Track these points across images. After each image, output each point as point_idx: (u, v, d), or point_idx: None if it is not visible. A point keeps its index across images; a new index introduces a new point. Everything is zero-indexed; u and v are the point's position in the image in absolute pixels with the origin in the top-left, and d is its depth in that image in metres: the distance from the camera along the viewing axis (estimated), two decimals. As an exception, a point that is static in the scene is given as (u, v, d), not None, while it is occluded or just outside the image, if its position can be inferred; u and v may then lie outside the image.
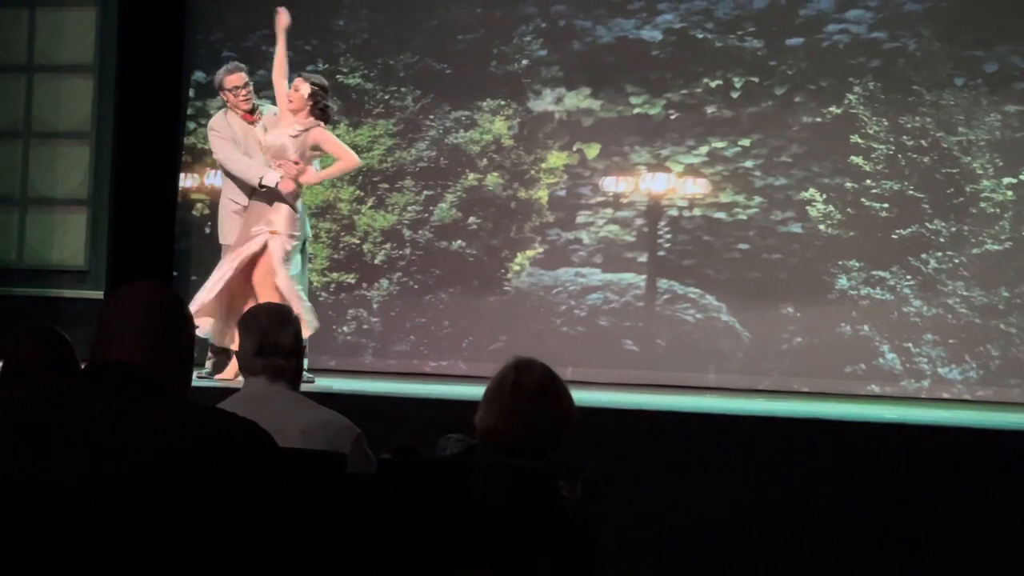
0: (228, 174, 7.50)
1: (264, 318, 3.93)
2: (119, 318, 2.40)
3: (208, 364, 7.47)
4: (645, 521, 5.68)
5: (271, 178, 7.25)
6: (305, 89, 7.36)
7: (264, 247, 7.20)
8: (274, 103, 7.64)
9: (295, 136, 7.29)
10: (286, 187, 7.22)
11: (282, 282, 7.10)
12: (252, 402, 3.68)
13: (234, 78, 7.52)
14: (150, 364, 2.34)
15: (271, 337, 3.85)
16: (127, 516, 2.16)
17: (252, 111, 7.55)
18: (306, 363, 7.23)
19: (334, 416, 3.87)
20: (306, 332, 6.75)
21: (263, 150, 7.39)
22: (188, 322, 2.48)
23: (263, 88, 9.65)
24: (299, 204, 7.33)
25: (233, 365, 7.31)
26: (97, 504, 2.16)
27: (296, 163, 7.26)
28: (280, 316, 3.94)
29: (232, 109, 7.52)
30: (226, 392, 4.00)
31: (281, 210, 7.26)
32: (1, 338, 4.32)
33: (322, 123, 7.37)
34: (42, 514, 2.17)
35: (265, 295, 7.00)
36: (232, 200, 7.49)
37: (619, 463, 5.71)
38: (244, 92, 7.50)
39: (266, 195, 7.27)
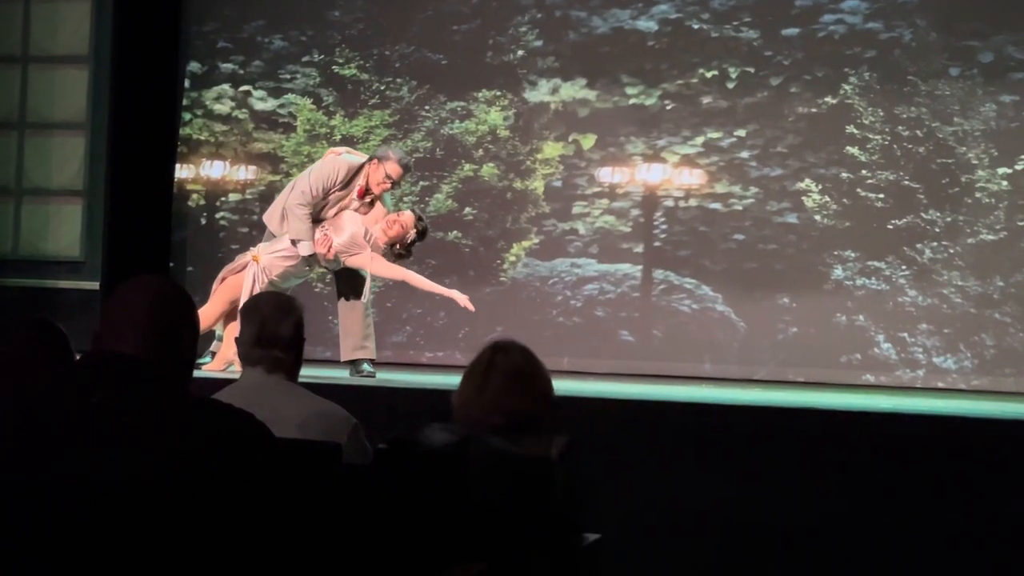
0: (288, 206, 7.41)
1: (266, 307, 3.89)
2: (122, 311, 2.39)
3: (213, 345, 7.50)
4: (640, 510, 5.69)
5: (304, 248, 7.30)
6: (411, 234, 7.36)
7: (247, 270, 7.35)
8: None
9: (368, 241, 7.29)
10: (304, 251, 7.30)
11: (242, 304, 7.21)
12: (249, 393, 3.66)
13: (397, 171, 7.36)
14: (149, 357, 2.34)
15: (271, 327, 3.81)
16: (122, 508, 2.15)
17: (371, 197, 7.43)
18: (374, 353, 7.46)
19: (331, 407, 3.87)
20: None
21: (335, 213, 7.37)
22: (192, 317, 2.47)
23: (258, 79, 9.67)
24: (297, 264, 7.37)
25: (221, 356, 7.33)
26: (92, 496, 2.15)
27: (329, 248, 7.28)
28: (282, 306, 3.90)
29: (369, 182, 7.36)
30: (223, 383, 3.99)
31: (277, 245, 7.32)
32: (-3, 329, 4.31)
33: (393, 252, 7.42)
34: (38, 507, 2.17)
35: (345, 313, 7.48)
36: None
37: (614, 453, 5.71)
38: (388, 185, 7.39)
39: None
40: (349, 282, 7.51)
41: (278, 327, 3.82)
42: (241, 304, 7.15)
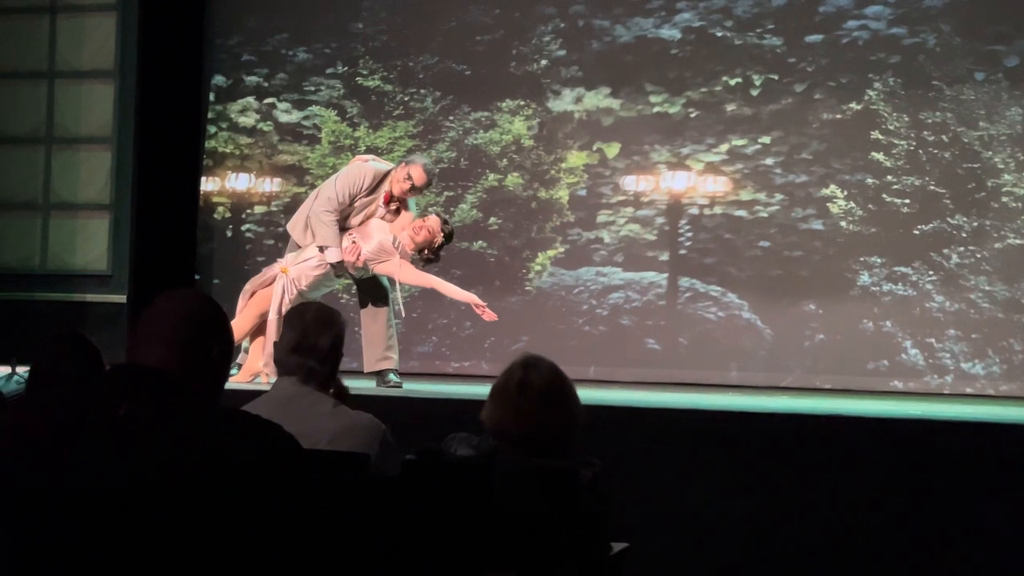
0: (314, 213, 7.39)
1: (310, 316, 3.90)
2: (153, 324, 2.40)
3: (239, 357, 7.51)
4: (667, 519, 5.68)
5: (332, 255, 7.29)
6: (438, 239, 7.34)
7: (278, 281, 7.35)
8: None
9: (396, 248, 7.29)
10: (332, 258, 7.28)
11: (271, 316, 7.20)
12: (280, 404, 3.67)
13: (424, 178, 7.35)
14: (176, 370, 2.35)
15: (311, 337, 3.82)
16: (147, 520, 2.16)
17: (397, 204, 7.44)
18: (397, 363, 7.42)
19: (359, 417, 3.86)
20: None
21: (360, 220, 7.38)
22: (224, 333, 2.46)
23: (282, 91, 9.71)
24: (326, 272, 7.36)
25: (247, 368, 7.35)
26: (118, 508, 2.16)
27: (358, 256, 7.28)
28: (325, 318, 3.90)
29: (394, 188, 7.35)
30: (250, 395, 4.00)
31: (305, 255, 7.33)
32: (26, 342, 4.35)
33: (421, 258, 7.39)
34: (64, 517, 2.18)
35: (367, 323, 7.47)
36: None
37: (642, 461, 5.71)
38: (413, 193, 7.41)
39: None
40: (372, 292, 7.52)
41: (318, 338, 3.83)
42: (270, 315, 7.19)
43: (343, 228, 7.36)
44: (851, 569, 5.64)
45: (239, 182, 9.79)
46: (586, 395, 3.76)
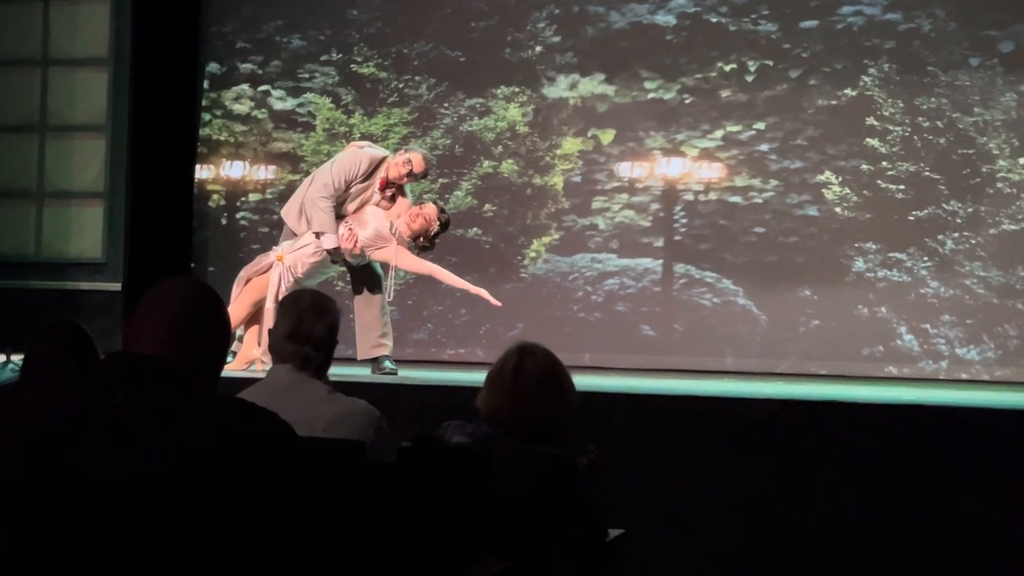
0: (310, 199, 7.39)
1: (304, 304, 3.91)
2: (149, 313, 2.40)
3: (233, 345, 7.51)
4: (662, 505, 5.69)
5: (328, 241, 7.28)
6: (434, 227, 7.34)
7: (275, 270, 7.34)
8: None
9: (392, 235, 7.28)
10: (329, 244, 7.27)
11: (267, 304, 7.20)
12: (276, 392, 3.68)
13: (423, 165, 7.40)
14: (172, 358, 2.35)
15: (306, 324, 3.84)
16: (144, 509, 2.15)
17: (392, 190, 7.45)
18: (391, 349, 7.41)
19: (353, 404, 3.87)
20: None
21: (356, 207, 7.38)
22: (221, 321, 2.46)
23: (277, 79, 9.69)
24: (323, 260, 7.35)
25: (242, 355, 7.35)
26: (114, 497, 2.16)
27: (355, 243, 7.27)
28: (319, 306, 3.91)
29: (391, 174, 7.37)
30: (244, 382, 4.00)
31: (301, 242, 7.32)
32: (21, 331, 4.35)
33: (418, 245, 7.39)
34: (59, 508, 2.17)
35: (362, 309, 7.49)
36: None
37: (637, 448, 5.71)
38: (410, 180, 7.44)
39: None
40: (366, 279, 7.53)
41: (313, 326, 3.84)
42: (267, 303, 7.19)
43: (338, 215, 7.36)
44: (846, 553, 5.66)
45: (234, 170, 9.78)
46: (581, 382, 3.76)
